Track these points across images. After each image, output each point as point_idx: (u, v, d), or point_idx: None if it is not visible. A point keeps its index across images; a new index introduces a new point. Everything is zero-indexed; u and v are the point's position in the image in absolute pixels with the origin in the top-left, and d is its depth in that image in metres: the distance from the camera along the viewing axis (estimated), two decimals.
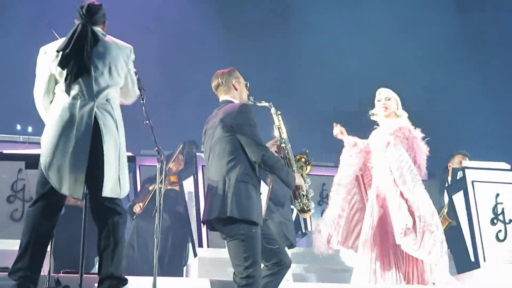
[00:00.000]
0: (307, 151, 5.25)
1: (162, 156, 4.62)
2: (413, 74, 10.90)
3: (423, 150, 5.87)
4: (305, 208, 4.85)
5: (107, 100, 4.15)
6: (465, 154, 7.68)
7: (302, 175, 4.84)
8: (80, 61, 4.10)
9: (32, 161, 4.66)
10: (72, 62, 4.09)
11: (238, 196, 4.27)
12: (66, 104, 4.10)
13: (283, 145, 4.89)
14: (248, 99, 4.73)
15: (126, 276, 4.20)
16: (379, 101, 6.01)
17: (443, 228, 6.93)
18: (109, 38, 4.24)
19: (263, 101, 4.89)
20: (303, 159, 5.04)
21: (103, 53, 4.16)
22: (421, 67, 11.08)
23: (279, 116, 4.97)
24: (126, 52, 4.25)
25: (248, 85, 4.69)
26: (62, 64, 4.09)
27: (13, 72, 9.83)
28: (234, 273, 4.32)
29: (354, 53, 11.18)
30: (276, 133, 4.93)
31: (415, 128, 5.90)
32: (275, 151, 4.88)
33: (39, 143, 5.80)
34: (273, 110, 4.95)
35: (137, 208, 7.10)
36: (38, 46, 4.25)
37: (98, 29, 4.23)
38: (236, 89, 4.61)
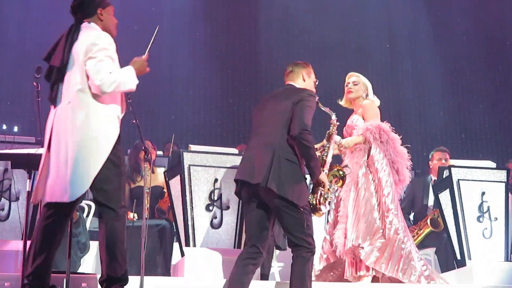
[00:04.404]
0: (349, 168, 5.38)
1: (149, 155, 4.63)
2: (402, 73, 10.94)
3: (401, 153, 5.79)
4: (316, 206, 4.83)
5: None
6: (444, 150, 7.70)
7: (331, 181, 4.96)
8: None
9: (18, 161, 4.64)
10: None
11: (287, 176, 4.46)
12: None
13: (326, 148, 5.11)
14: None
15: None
16: (347, 85, 5.95)
17: (421, 235, 6.87)
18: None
19: (328, 108, 5.12)
20: (341, 172, 5.11)
21: None
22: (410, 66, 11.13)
23: (336, 125, 5.18)
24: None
25: (316, 83, 4.94)
26: None
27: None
28: (291, 242, 4.53)
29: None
30: (326, 139, 5.19)
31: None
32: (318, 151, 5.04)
33: (25, 143, 5.80)
34: (333, 117, 5.17)
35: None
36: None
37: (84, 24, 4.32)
38: (304, 80, 4.84)
